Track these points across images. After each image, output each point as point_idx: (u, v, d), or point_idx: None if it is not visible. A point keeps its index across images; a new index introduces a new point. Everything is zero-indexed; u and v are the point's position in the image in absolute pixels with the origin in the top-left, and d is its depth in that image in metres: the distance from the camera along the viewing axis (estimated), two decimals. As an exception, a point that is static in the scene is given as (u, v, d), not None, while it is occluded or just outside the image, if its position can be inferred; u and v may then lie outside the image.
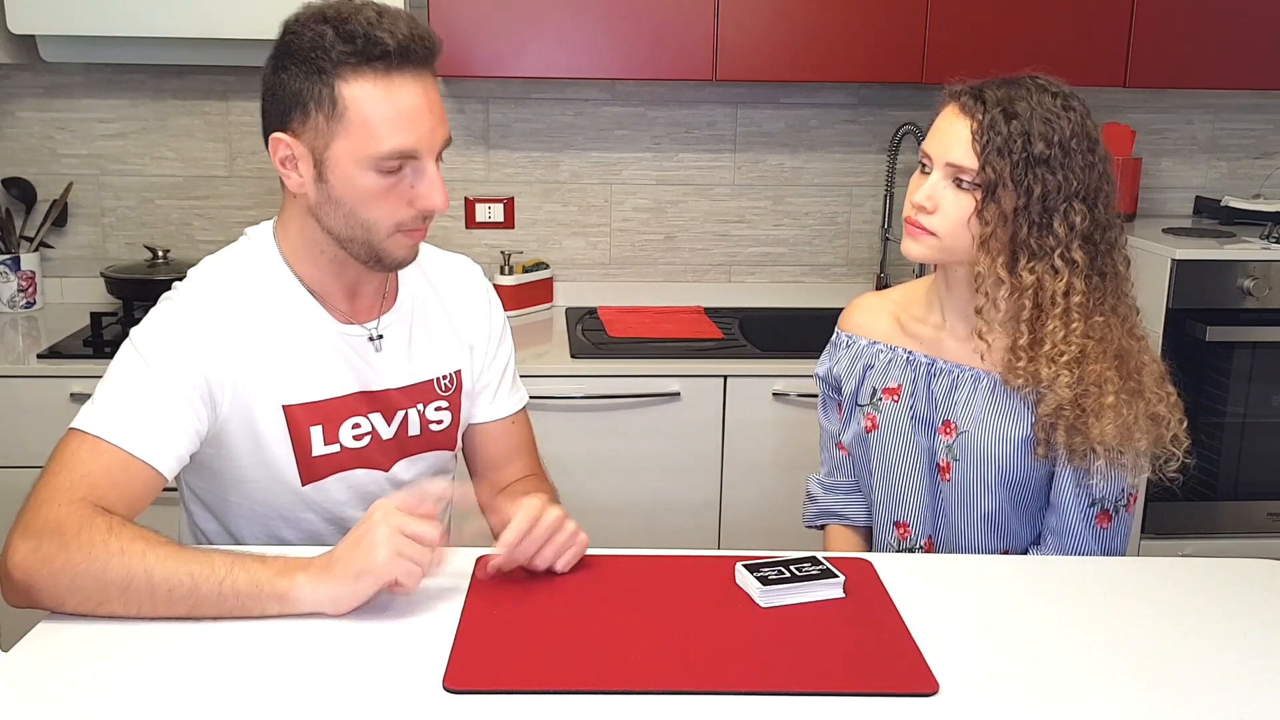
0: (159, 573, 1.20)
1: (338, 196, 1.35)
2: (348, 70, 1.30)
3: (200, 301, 1.40)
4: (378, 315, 1.49)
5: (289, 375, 1.41)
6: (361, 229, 1.37)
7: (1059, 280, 1.47)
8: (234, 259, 1.46)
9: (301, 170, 1.36)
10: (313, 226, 1.40)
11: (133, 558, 1.20)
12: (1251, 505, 2.69)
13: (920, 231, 1.50)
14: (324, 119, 1.32)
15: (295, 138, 1.34)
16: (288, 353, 1.41)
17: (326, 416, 1.44)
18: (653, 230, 2.99)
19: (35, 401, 2.35)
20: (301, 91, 1.32)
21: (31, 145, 2.80)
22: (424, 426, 1.52)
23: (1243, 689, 1.14)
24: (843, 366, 1.69)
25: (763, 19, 2.54)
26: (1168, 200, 3.08)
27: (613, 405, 2.46)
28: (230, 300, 1.40)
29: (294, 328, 1.42)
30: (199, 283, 1.42)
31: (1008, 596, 1.35)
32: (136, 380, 1.34)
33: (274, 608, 1.22)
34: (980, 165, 1.45)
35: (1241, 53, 2.65)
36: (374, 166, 1.32)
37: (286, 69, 1.33)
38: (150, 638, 1.18)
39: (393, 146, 1.31)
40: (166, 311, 1.39)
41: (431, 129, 1.34)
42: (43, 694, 1.09)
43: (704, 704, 1.09)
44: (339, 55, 1.29)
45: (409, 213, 1.36)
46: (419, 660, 1.15)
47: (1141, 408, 1.48)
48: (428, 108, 1.33)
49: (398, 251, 1.39)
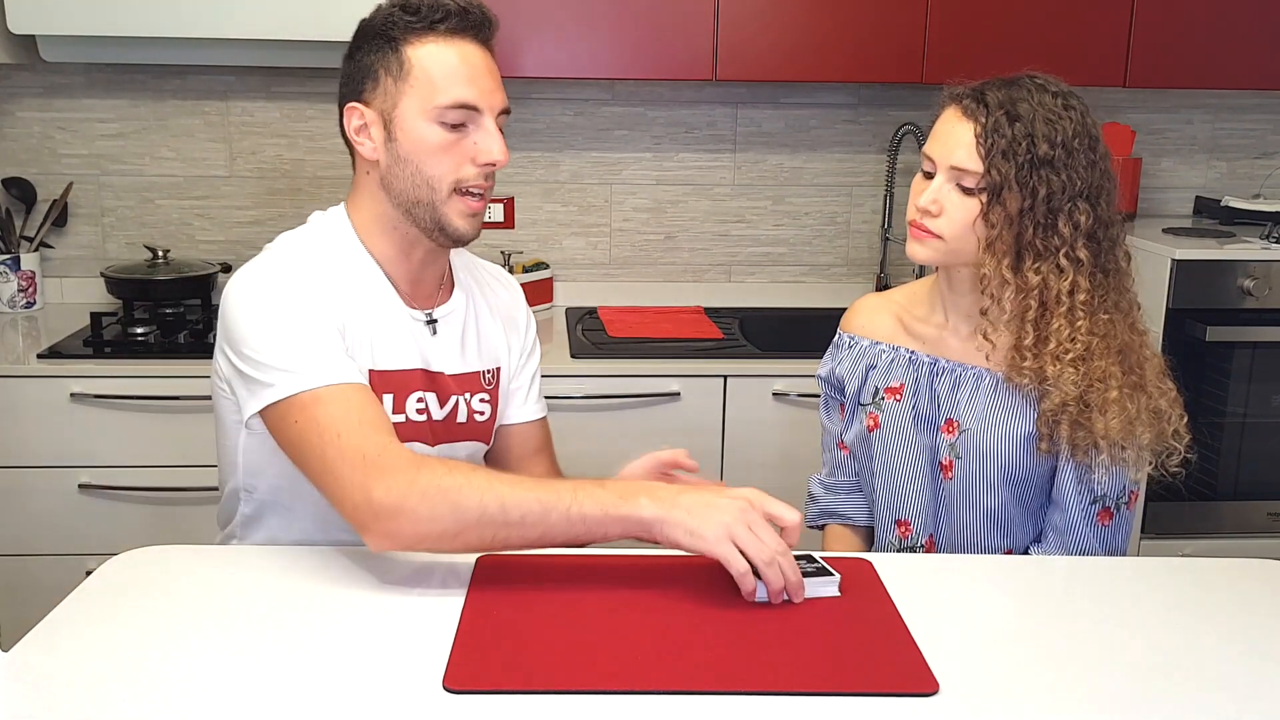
0: (510, 500, 1.24)
1: (405, 154, 1.42)
2: (414, 35, 1.41)
3: (293, 259, 1.44)
4: (433, 304, 1.54)
5: (370, 341, 1.46)
6: (426, 188, 1.43)
7: (1064, 279, 1.47)
8: (311, 233, 1.50)
9: (373, 135, 1.44)
10: (383, 201, 1.46)
11: (482, 487, 1.24)
12: (1252, 505, 2.69)
13: (925, 234, 1.51)
14: (392, 81, 1.42)
15: (367, 105, 1.44)
16: (367, 320, 1.46)
17: (397, 387, 1.48)
18: (653, 230, 2.99)
19: (35, 401, 2.35)
20: (374, 63, 1.43)
21: (31, 145, 2.80)
22: (470, 416, 1.57)
23: (1243, 689, 1.14)
24: (845, 367, 1.69)
25: (763, 19, 2.54)
26: (1168, 200, 3.08)
27: (613, 405, 2.46)
28: (316, 264, 1.45)
29: (370, 297, 1.47)
30: (284, 249, 1.47)
31: (1008, 596, 1.35)
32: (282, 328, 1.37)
33: (617, 530, 1.26)
34: (985, 168, 1.45)
35: (1241, 53, 2.65)
36: (437, 118, 1.41)
37: (360, 48, 1.45)
38: (150, 637, 1.18)
39: (454, 97, 1.40)
40: (265, 269, 1.42)
41: (491, 89, 1.44)
42: (43, 694, 1.09)
43: (704, 704, 1.09)
44: (405, 24, 1.41)
45: (471, 169, 1.43)
46: (419, 660, 1.15)
47: (1144, 402, 1.48)
48: (487, 69, 1.44)
49: (456, 219, 1.45)
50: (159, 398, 2.36)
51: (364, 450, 1.28)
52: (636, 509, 1.26)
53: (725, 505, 1.26)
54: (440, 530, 1.25)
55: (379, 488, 1.25)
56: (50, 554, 2.42)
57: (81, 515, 2.40)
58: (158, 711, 1.06)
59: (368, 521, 1.26)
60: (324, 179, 2.87)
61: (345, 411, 1.32)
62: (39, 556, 2.42)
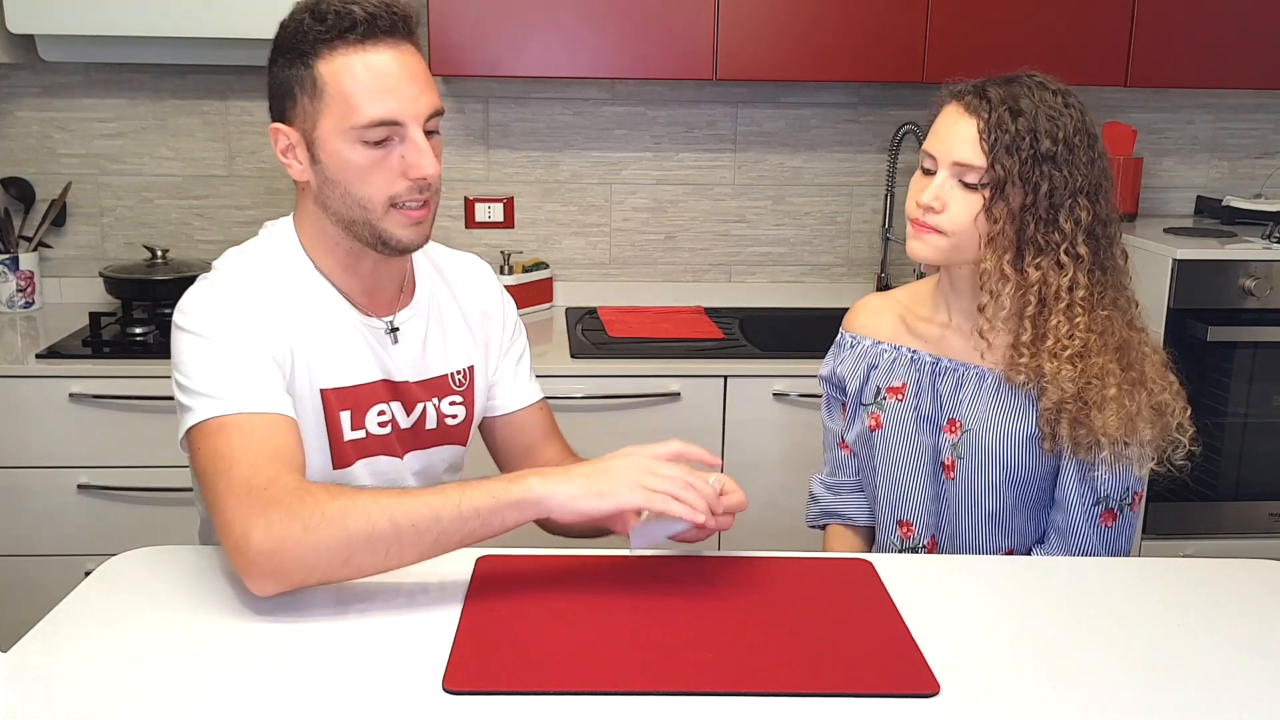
0: (399, 513, 1.21)
1: (332, 176, 1.37)
2: (324, 48, 1.34)
3: (239, 282, 1.41)
4: (394, 310, 1.50)
5: (321, 360, 1.42)
6: (359, 208, 1.38)
7: (1064, 275, 1.47)
8: (258, 249, 1.47)
9: (299, 156, 1.39)
10: (322, 218, 1.42)
11: (367, 507, 1.21)
12: (1253, 505, 2.68)
13: (927, 231, 1.50)
14: (308, 100, 1.35)
15: (289, 125, 1.38)
16: (318, 338, 1.43)
17: (355, 402, 1.45)
18: (653, 230, 2.98)
19: (34, 401, 2.35)
20: (288, 79, 1.37)
21: (30, 145, 2.80)
22: (440, 420, 1.54)
23: (1243, 689, 1.14)
24: (846, 367, 1.69)
25: (763, 19, 2.53)
26: (1169, 200, 3.08)
27: (613, 405, 2.46)
28: (263, 283, 1.41)
29: (320, 314, 1.44)
30: (231, 268, 1.43)
31: (1008, 596, 1.35)
32: (211, 356, 1.34)
33: (513, 516, 1.24)
34: (989, 163, 1.45)
35: (1242, 52, 2.65)
36: (358, 138, 1.34)
37: (276, 61, 1.38)
38: (149, 637, 1.18)
39: (372, 115, 1.33)
40: (205, 294, 1.39)
41: (413, 96, 1.35)
42: (43, 694, 1.08)
43: (704, 704, 1.09)
44: (315, 35, 1.33)
45: (402, 185, 1.37)
46: (419, 661, 1.15)
47: (1144, 398, 1.48)
48: (407, 76, 1.35)
49: (397, 231, 1.39)
50: (158, 398, 2.36)
51: (251, 484, 1.23)
52: (527, 490, 1.24)
53: (621, 463, 1.27)
54: (328, 559, 1.20)
55: (258, 528, 1.19)
56: (49, 554, 2.41)
57: (80, 515, 2.40)
58: (157, 711, 1.06)
59: (246, 565, 1.20)
60: (323, 179, 2.87)
61: (245, 441, 1.27)
62: (38, 557, 2.42)
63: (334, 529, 1.20)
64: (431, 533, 1.22)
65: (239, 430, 1.29)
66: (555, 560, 1.37)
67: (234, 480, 1.24)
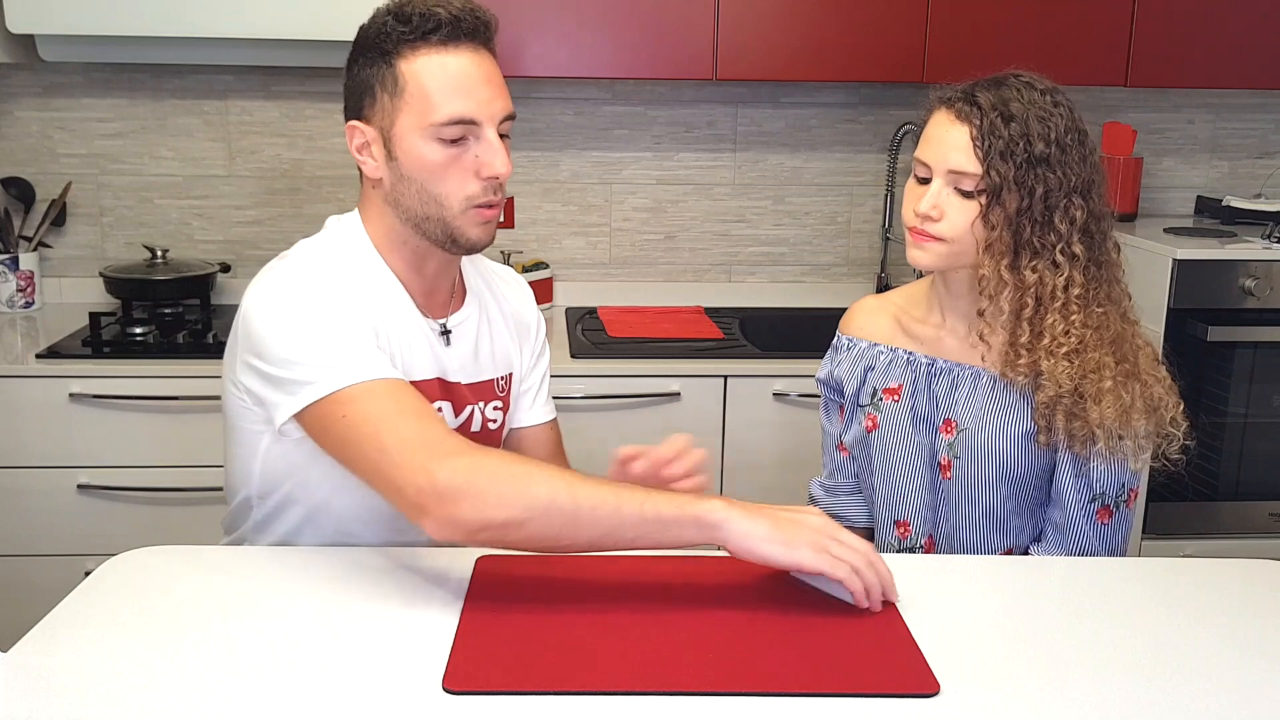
0: (582, 491, 1.21)
1: (408, 173, 1.39)
2: (406, 48, 1.37)
3: (319, 265, 1.41)
4: (447, 312, 1.52)
5: (391, 352, 1.43)
6: (434, 205, 1.40)
7: (1060, 275, 1.48)
8: (328, 240, 1.47)
9: (375, 153, 1.41)
10: (392, 216, 1.44)
11: (552, 478, 1.22)
12: (1252, 505, 2.68)
13: (928, 239, 1.50)
14: (388, 97, 1.38)
15: (366, 123, 1.41)
16: (385, 329, 1.43)
17: None
18: (653, 230, 2.98)
19: (34, 401, 2.35)
20: (370, 78, 1.39)
21: (30, 145, 2.80)
22: (484, 424, 1.55)
23: (1243, 689, 1.14)
24: (843, 369, 1.69)
25: (763, 19, 2.53)
26: (1169, 200, 3.08)
27: (613, 405, 2.46)
28: (335, 270, 1.42)
29: (389, 308, 1.44)
30: (307, 256, 1.43)
31: (1008, 596, 1.35)
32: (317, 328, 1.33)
33: (690, 533, 1.22)
34: (984, 170, 1.45)
35: (1242, 52, 2.65)
36: (435, 135, 1.37)
37: (357, 61, 1.41)
38: (149, 637, 1.18)
39: (450, 113, 1.36)
40: (290, 273, 1.39)
41: (489, 98, 1.39)
42: (42, 694, 1.08)
43: (704, 704, 1.09)
44: (398, 36, 1.37)
45: (476, 184, 1.39)
46: (419, 661, 1.15)
47: (1138, 389, 1.48)
48: (484, 78, 1.39)
49: (471, 230, 1.41)
50: (158, 398, 2.36)
51: (424, 435, 1.25)
52: (711, 511, 1.22)
53: (810, 520, 1.26)
54: (505, 517, 1.20)
55: (443, 469, 1.20)
56: (49, 554, 2.41)
57: (80, 515, 2.40)
58: (157, 711, 1.06)
59: (430, 505, 1.20)
60: (323, 178, 2.87)
61: (398, 403, 1.29)
62: (38, 557, 2.42)
63: (517, 487, 1.20)
64: (609, 522, 1.21)
65: (383, 394, 1.29)
66: (555, 560, 1.37)
67: (404, 433, 1.25)
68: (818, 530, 1.25)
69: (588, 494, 1.21)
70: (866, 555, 1.25)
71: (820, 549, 1.24)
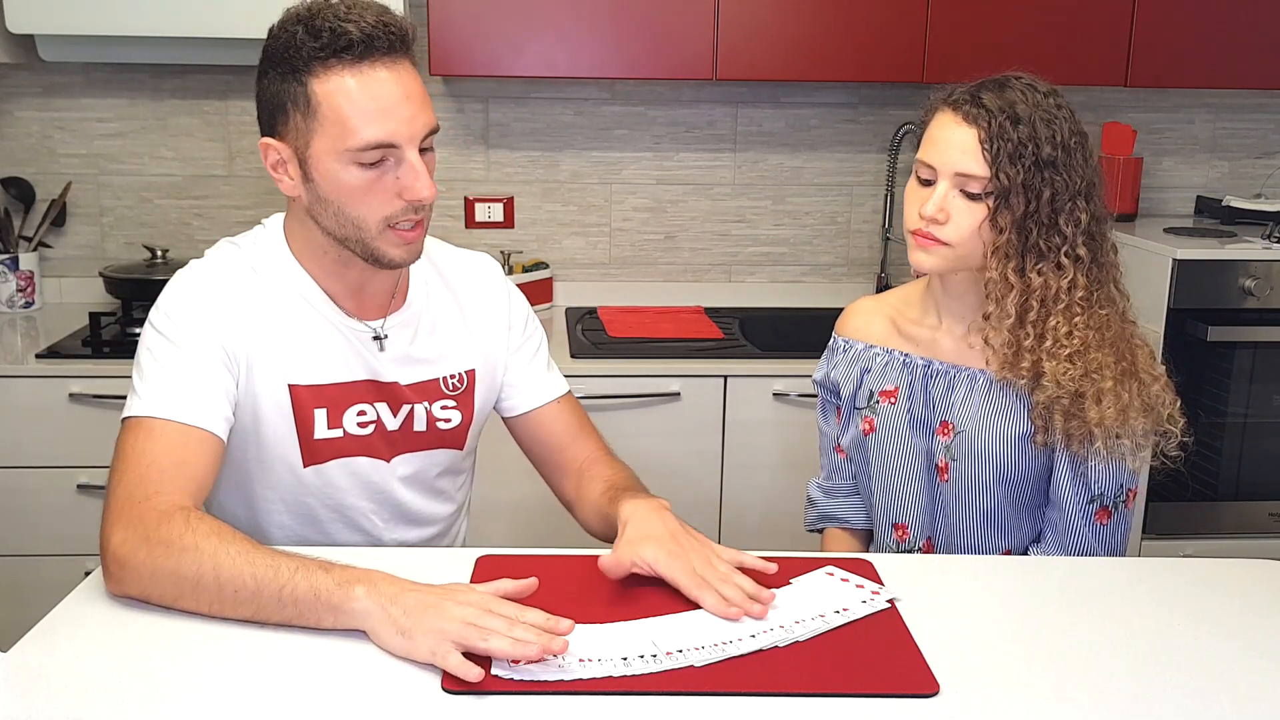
0: (226, 572, 1.19)
1: (325, 195, 1.35)
2: (318, 66, 1.30)
3: (214, 275, 1.42)
4: (384, 315, 1.48)
5: (296, 356, 1.42)
6: (353, 226, 1.36)
7: (1064, 278, 1.47)
8: (249, 244, 1.47)
9: (290, 173, 1.37)
10: (312, 227, 1.41)
11: (203, 555, 1.20)
12: (1253, 505, 2.68)
13: (932, 243, 1.49)
14: (301, 118, 1.32)
15: (281, 140, 1.35)
16: (296, 336, 1.42)
17: (331, 400, 1.44)
18: (653, 230, 2.98)
19: (34, 402, 2.35)
20: (280, 94, 1.33)
21: (30, 145, 2.80)
22: (430, 423, 1.52)
23: (1243, 689, 1.14)
24: (840, 371, 1.69)
25: (763, 19, 2.53)
26: (1169, 200, 3.08)
27: (613, 405, 2.46)
28: (243, 278, 1.42)
29: (302, 314, 1.43)
30: (213, 260, 1.45)
31: (1008, 596, 1.35)
32: (164, 356, 1.36)
33: (329, 619, 1.17)
34: (993, 173, 1.44)
35: (1242, 52, 2.65)
36: (353, 160, 1.31)
37: (267, 74, 1.35)
38: (149, 637, 1.18)
39: (368, 138, 1.30)
40: (181, 286, 1.42)
41: (410, 117, 1.32)
42: (42, 694, 1.08)
43: (704, 704, 1.09)
44: (309, 52, 1.29)
45: (397, 205, 1.35)
46: (418, 661, 1.15)
47: (1135, 388, 1.48)
48: (403, 96, 1.31)
49: (391, 251, 1.38)
50: (158, 398, 2.36)
51: (134, 493, 1.25)
52: (350, 600, 1.16)
53: (455, 606, 1.13)
54: (160, 592, 1.21)
55: (116, 536, 1.23)
56: (49, 554, 2.41)
57: (80, 515, 2.40)
58: (156, 712, 1.06)
59: (106, 564, 1.24)
60: (323, 179, 2.87)
61: (150, 447, 1.29)
62: (38, 557, 2.42)
63: (170, 564, 1.20)
64: (250, 605, 1.18)
65: (150, 435, 1.31)
66: (555, 560, 1.37)
67: (123, 484, 1.27)
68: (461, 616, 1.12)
69: (233, 574, 1.18)
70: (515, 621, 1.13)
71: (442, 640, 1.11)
